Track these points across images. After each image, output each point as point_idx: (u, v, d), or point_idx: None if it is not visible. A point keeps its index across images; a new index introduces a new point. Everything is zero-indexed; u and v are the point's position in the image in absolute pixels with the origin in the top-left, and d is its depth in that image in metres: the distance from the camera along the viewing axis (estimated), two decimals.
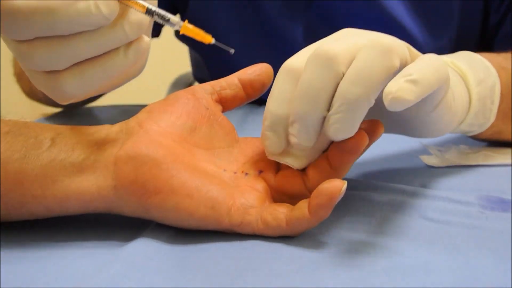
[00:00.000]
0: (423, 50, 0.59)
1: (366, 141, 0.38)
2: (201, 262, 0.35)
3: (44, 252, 0.37)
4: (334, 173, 0.39)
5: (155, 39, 0.85)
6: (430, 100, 0.40)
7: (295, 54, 0.40)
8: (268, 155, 0.40)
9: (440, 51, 0.56)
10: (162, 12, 0.37)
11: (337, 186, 0.35)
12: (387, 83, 0.35)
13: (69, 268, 0.35)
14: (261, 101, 0.47)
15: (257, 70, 0.44)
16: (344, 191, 0.36)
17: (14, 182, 0.37)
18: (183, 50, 0.93)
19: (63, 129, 0.40)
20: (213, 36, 0.40)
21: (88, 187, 0.37)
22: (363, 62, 0.35)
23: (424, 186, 0.47)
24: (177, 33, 0.86)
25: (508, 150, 0.57)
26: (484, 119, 0.52)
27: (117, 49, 0.36)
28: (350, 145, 0.38)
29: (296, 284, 0.32)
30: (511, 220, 0.40)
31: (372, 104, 0.36)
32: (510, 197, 0.44)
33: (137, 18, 0.36)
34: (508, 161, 0.54)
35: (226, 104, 0.44)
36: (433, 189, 0.46)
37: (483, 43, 0.73)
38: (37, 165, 0.37)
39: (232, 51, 0.41)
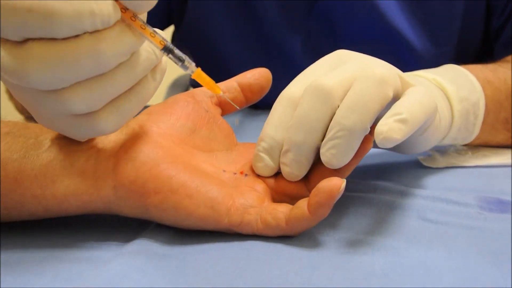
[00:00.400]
0: (424, 59, 0.59)
1: (371, 144, 0.39)
2: (200, 263, 0.35)
3: (43, 254, 0.37)
4: (337, 173, 0.39)
5: None
6: (420, 128, 0.42)
7: (292, 81, 0.42)
8: (260, 174, 0.41)
9: (440, 58, 0.57)
10: (180, 53, 0.37)
11: (336, 184, 0.36)
12: (381, 112, 0.37)
13: (68, 269, 0.35)
14: (257, 106, 0.47)
15: (256, 74, 0.45)
16: (343, 189, 0.36)
17: (13, 182, 0.37)
18: None
19: None
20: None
21: (87, 187, 0.37)
22: (359, 91, 0.37)
23: (423, 187, 0.47)
24: (173, 42, 0.86)
25: (507, 151, 0.57)
26: (467, 133, 0.53)
27: (146, 75, 0.36)
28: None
29: (294, 285, 0.32)
30: (510, 221, 0.40)
31: (367, 132, 0.37)
32: (508, 198, 0.44)
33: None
34: (506, 162, 0.54)
35: (225, 107, 0.45)
36: (432, 190, 0.46)
37: (484, 49, 0.73)
38: (37, 165, 0.37)
39: (238, 108, 0.43)
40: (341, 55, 0.43)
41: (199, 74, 0.39)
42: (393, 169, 0.52)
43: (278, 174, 0.41)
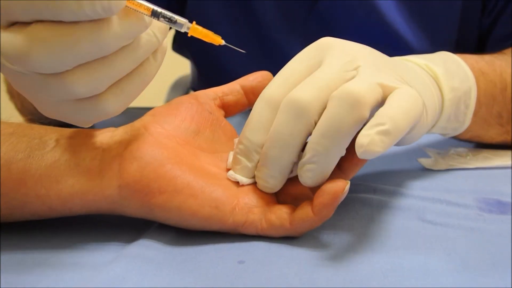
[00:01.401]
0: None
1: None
2: (200, 264, 0.35)
3: (44, 255, 0.37)
4: (341, 175, 0.40)
5: None
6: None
7: (272, 79, 0.41)
8: (239, 175, 0.41)
9: None
10: (169, 13, 0.36)
11: (340, 185, 0.36)
12: (357, 132, 0.36)
13: (69, 270, 0.35)
14: None
15: (259, 77, 0.45)
16: (347, 191, 0.36)
17: (17, 182, 0.37)
18: None
19: (67, 131, 0.40)
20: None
21: (92, 187, 0.37)
22: (332, 115, 0.36)
23: (423, 188, 0.47)
24: (174, 46, 0.86)
25: (507, 152, 0.57)
26: (457, 123, 0.52)
27: (148, 57, 0.37)
28: None
29: (294, 285, 0.32)
30: (510, 222, 0.41)
31: (343, 154, 0.37)
32: (508, 199, 0.44)
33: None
34: (507, 163, 0.54)
35: (228, 109, 0.45)
36: (432, 191, 0.46)
37: (482, 47, 0.73)
38: (42, 165, 0.37)
39: (244, 51, 0.42)
40: (323, 45, 0.42)
41: (195, 29, 0.38)
42: (393, 170, 0.52)
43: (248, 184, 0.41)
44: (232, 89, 0.45)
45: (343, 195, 0.36)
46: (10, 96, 0.73)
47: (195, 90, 0.94)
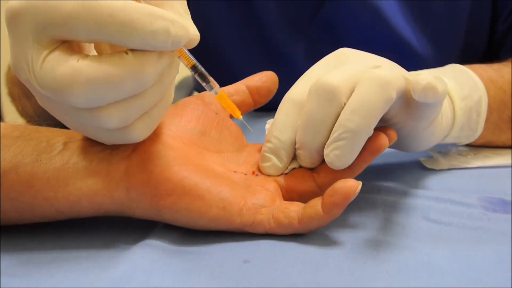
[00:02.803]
0: (428, 65, 0.59)
1: (386, 141, 0.39)
2: (206, 264, 0.35)
3: (50, 255, 0.37)
4: (349, 171, 0.40)
5: None
6: (427, 117, 0.42)
7: (295, 82, 0.43)
8: (267, 174, 0.42)
9: (445, 63, 0.57)
10: (206, 73, 0.38)
11: (352, 186, 0.36)
12: (384, 113, 0.38)
13: (74, 270, 0.35)
14: (261, 108, 0.48)
15: (263, 77, 0.46)
16: (358, 192, 0.36)
17: (25, 185, 0.37)
18: None
19: (74, 133, 0.40)
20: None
21: (100, 189, 0.37)
22: (363, 94, 0.38)
23: (426, 187, 0.47)
24: None
25: (508, 151, 0.57)
26: (470, 131, 0.53)
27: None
28: (371, 144, 0.39)
29: (298, 285, 0.33)
30: None
31: (371, 134, 0.38)
32: (511, 198, 0.44)
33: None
34: (507, 162, 0.54)
35: None
36: (435, 190, 0.46)
37: (489, 53, 0.72)
38: (50, 168, 0.37)
39: (253, 131, 0.44)
40: (342, 54, 0.43)
41: (222, 96, 0.40)
42: (397, 169, 0.52)
43: (287, 173, 0.42)
44: (237, 89, 0.45)
45: (354, 195, 0.36)
46: (12, 99, 0.73)
47: (199, 91, 0.94)
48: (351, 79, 0.39)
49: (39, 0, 0.31)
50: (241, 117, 0.42)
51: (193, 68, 0.38)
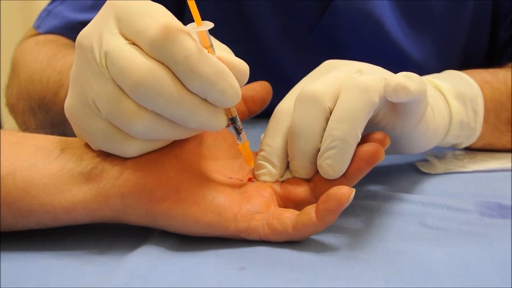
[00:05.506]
0: (426, 73, 0.59)
1: (382, 151, 0.40)
2: (202, 271, 0.35)
3: (46, 263, 0.37)
4: (345, 181, 0.40)
5: None
6: (414, 113, 0.43)
7: (286, 95, 0.44)
8: (263, 181, 0.42)
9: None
10: (241, 126, 0.40)
11: (346, 193, 0.36)
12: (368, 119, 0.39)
13: (71, 278, 0.35)
14: (256, 116, 0.49)
15: (257, 87, 0.47)
16: (352, 199, 0.37)
17: (21, 191, 0.37)
18: None
19: (72, 140, 0.40)
20: None
21: (96, 195, 0.37)
22: (346, 102, 0.39)
23: (423, 193, 0.47)
24: None
25: (503, 155, 0.57)
26: (469, 130, 0.53)
27: None
28: (367, 153, 0.39)
29: None
30: (511, 226, 0.41)
31: (359, 140, 0.39)
32: (509, 203, 0.44)
33: None
34: (505, 166, 0.54)
35: None
36: (432, 196, 0.46)
37: (489, 63, 0.72)
38: (46, 174, 0.37)
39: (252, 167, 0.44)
40: (327, 65, 0.45)
41: (245, 147, 0.42)
42: (393, 173, 0.52)
43: (283, 180, 0.42)
44: None
45: (348, 201, 0.36)
46: (11, 111, 0.72)
47: None
48: (333, 84, 0.40)
49: None
50: (253, 166, 0.43)
51: (232, 119, 0.39)
